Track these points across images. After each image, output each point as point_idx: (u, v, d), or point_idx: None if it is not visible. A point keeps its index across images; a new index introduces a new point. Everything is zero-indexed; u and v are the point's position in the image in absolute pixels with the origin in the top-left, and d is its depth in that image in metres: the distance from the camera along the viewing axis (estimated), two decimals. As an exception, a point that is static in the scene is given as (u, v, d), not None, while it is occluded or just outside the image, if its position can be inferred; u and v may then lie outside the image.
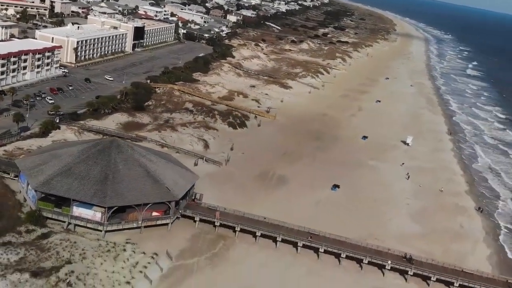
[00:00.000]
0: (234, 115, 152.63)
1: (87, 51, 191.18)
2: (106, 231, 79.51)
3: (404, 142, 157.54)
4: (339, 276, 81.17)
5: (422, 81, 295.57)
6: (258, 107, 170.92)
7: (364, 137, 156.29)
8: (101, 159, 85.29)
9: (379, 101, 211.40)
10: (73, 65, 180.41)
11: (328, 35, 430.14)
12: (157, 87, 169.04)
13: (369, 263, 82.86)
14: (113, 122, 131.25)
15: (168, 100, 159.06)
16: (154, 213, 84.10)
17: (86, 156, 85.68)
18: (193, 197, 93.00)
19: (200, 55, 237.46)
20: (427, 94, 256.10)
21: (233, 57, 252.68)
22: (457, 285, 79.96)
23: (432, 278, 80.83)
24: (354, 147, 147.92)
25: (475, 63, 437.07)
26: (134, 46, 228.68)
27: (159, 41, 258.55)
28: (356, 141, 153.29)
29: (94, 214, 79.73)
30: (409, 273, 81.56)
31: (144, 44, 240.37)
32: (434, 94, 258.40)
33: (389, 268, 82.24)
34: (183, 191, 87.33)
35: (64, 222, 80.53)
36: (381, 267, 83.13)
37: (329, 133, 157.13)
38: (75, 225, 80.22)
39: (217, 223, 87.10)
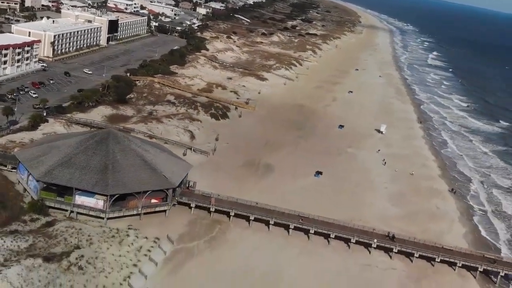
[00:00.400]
0: (216, 106, 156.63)
1: (64, 45, 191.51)
2: (108, 218, 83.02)
3: (378, 131, 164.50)
4: (329, 255, 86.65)
5: (390, 71, 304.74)
6: (237, 98, 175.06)
7: (341, 126, 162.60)
8: (99, 150, 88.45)
9: (351, 92, 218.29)
10: (50, 59, 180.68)
11: (297, 28, 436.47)
12: (137, 80, 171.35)
13: (356, 242, 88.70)
14: (98, 114, 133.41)
15: (150, 93, 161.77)
16: (153, 200, 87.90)
17: (85, 147, 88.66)
18: (187, 185, 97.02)
19: (175, 48, 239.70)
20: (395, 84, 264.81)
21: (207, 49, 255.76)
22: (438, 260, 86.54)
23: (415, 255, 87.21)
24: (332, 135, 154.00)
25: (436, 53, 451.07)
26: (108, 40, 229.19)
27: (132, 34, 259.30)
28: (333, 130, 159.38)
29: (97, 202, 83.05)
30: (394, 250, 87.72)
31: (118, 37, 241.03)
32: (402, 84, 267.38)
33: (375, 246, 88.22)
34: (179, 179, 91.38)
35: (67, 210, 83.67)
36: (367, 245, 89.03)
37: (307, 122, 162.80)
38: (78, 213, 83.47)
39: (212, 209, 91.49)
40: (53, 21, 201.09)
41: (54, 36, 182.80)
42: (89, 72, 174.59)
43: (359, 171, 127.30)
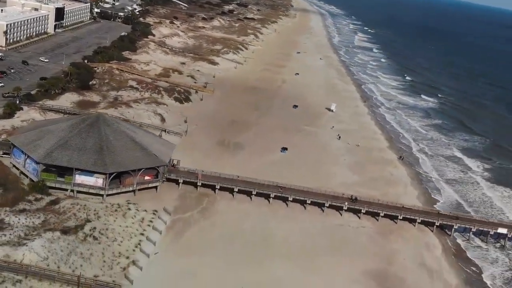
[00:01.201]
0: (178, 91, 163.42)
1: (15, 33, 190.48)
2: (107, 195, 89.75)
3: (329, 109, 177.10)
4: (307, 219, 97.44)
5: (328, 54, 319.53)
6: (195, 82, 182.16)
7: (295, 106, 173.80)
8: (92, 132, 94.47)
9: (298, 74, 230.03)
10: (3, 48, 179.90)
11: (234, 12, 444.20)
12: (96, 67, 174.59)
13: (330, 206, 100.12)
14: (66, 101, 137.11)
15: (111, 79, 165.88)
16: (146, 177, 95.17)
17: (78, 130, 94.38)
18: (172, 163, 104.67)
19: (122, 34, 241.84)
20: (335, 66, 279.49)
21: (153, 35, 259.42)
22: (401, 218, 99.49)
23: (381, 214, 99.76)
24: (288, 115, 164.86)
25: (366, 35, 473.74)
26: (55, 27, 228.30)
27: (77, 21, 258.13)
28: (289, 110, 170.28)
29: (96, 181, 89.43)
30: (362, 211, 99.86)
31: (64, 24, 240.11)
32: (342, 66, 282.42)
33: (346, 209, 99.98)
34: (168, 157, 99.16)
35: (67, 190, 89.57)
36: (339, 208, 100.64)
37: (264, 104, 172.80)
38: (77, 191, 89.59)
39: (199, 183, 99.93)
40: (1, 10, 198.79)
41: (7, 25, 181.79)
42: (46, 60, 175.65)
43: (318, 146, 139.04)
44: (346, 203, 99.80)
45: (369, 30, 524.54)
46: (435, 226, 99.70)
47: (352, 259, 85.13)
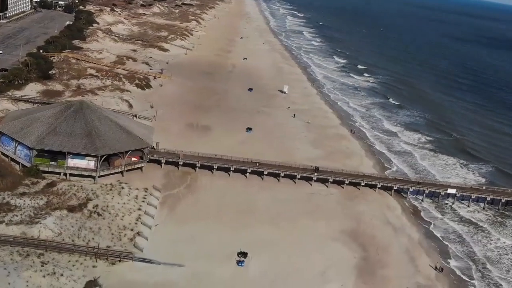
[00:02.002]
0: (137, 77, 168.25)
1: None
2: (98, 176, 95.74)
3: (281, 91, 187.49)
4: (282, 189, 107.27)
5: (270, 38, 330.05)
6: (150, 69, 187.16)
7: (250, 89, 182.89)
8: (79, 118, 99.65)
9: (246, 59, 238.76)
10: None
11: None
12: (52, 57, 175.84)
13: (301, 177, 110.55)
14: (32, 91, 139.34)
15: (70, 68, 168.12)
16: (133, 159, 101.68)
17: (65, 117, 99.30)
18: (152, 145, 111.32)
19: (67, 23, 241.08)
20: (278, 50, 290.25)
21: (98, 23, 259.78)
22: (363, 184, 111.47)
23: (346, 182, 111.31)
24: (245, 97, 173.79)
25: (304, 20, 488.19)
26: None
27: (19, 11, 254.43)
28: (245, 93, 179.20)
29: (88, 163, 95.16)
30: (330, 180, 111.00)
31: (8, 15, 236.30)
32: (285, 50, 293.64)
33: (315, 179, 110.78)
34: (150, 139, 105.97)
35: (59, 173, 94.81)
36: (308, 179, 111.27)
37: (220, 87, 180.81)
38: (70, 174, 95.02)
39: (180, 163, 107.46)
40: None
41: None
42: (0, 52, 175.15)
43: (279, 125, 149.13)
44: (316, 174, 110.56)
45: (302, 14, 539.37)
46: (393, 190, 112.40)
47: (327, 221, 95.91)
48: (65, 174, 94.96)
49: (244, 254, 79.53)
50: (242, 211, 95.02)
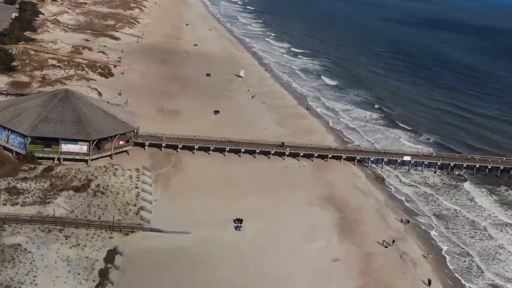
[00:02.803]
0: (99, 66, 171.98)
1: None
2: (91, 160, 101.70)
3: (238, 75, 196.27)
4: (258, 165, 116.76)
5: (214, 25, 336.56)
6: (107, 58, 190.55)
7: (208, 75, 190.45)
8: (66, 106, 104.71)
9: (197, 45, 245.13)
10: None
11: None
12: (10, 49, 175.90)
13: (274, 153, 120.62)
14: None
15: (31, 60, 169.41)
16: (121, 142, 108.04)
17: (53, 105, 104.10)
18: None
19: (13, 14, 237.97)
20: (226, 36, 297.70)
21: (43, 14, 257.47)
22: (330, 156, 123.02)
23: (315, 155, 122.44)
24: (205, 83, 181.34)
25: (249, 6, 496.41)
26: None
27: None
28: (203, 78, 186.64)
29: (81, 148, 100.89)
30: (300, 154, 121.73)
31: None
32: (231, 36, 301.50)
33: (287, 154, 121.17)
34: (134, 123, 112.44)
35: (53, 158, 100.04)
36: (281, 154, 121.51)
37: (180, 74, 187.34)
38: (64, 159, 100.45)
39: (163, 144, 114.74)
40: None
41: None
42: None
43: (242, 107, 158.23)
44: (288, 149, 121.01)
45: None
46: (356, 160, 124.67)
47: (304, 190, 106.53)
48: (58, 159, 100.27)
49: (240, 221, 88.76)
50: (228, 185, 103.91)
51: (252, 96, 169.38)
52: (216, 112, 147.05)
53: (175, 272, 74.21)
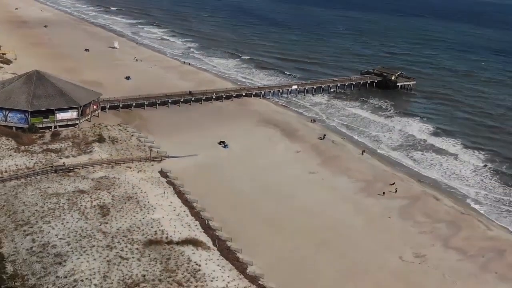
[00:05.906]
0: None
1: None
2: (80, 123, 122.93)
3: (112, 47, 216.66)
4: (204, 108, 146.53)
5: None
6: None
7: (87, 49, 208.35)
8: (45, 84, 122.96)
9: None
10: None
11: None
12: None
13: (216, 98, 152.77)
14: None
15: None
16: (94, 107, 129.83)
17: (34, 84, 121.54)
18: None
19: None
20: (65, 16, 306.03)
21: None
22: (244, 95, 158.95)
23: (233, 95, 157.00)
24: (90, 57, 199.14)
25: None
26: None
27: None
28: (84, 53, 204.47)
29: (72, 114, 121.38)
30: (223, 97, 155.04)
31: None
32: (70, 16, 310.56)
33: (224, 96, 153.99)
34: (100, 93, 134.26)
35: (51, 126, 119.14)
36: (209, 99, 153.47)
37: (59, 52, 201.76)
38: (59, 126, 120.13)
39: (121, 105, 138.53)
40: None
41: None
42: None
43: (142, 72, 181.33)
44: (214, 94, 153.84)
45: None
46: (261, 95, 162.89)
47: (245, 118, 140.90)
48: (55, 126, 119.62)
49: (223, 142, 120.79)
50: (195, 125, 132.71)
51: (136, 59, 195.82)
52: (127, 77, 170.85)
53: (209, 175, 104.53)
